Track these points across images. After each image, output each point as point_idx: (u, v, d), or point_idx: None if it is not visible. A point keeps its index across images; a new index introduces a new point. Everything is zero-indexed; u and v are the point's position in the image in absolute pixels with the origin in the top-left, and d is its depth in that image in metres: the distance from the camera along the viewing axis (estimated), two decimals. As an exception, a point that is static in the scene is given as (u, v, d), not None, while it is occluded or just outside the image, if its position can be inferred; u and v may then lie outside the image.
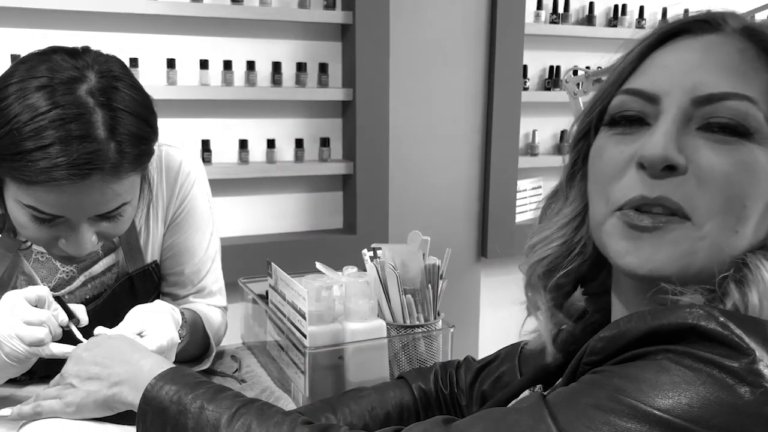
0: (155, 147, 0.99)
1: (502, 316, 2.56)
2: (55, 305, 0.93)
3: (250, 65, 2.12)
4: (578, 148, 0.68)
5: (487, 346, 2.54)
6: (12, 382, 1.00)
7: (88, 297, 1.10)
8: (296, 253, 2.16)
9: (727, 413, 0.47)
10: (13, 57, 1.86)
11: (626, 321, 0.55)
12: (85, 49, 0.94)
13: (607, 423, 0.50)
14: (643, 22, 2.65)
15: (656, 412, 0.48)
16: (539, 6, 2.52)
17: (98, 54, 0.94)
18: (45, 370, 1.00)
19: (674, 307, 0.53)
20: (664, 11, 2.70)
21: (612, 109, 0.62)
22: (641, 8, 2.66)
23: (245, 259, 1.92)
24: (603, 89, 0.64)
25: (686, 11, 0.65)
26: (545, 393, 0.58)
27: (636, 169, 0.58)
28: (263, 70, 2.16)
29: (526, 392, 0.76)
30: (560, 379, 0.63)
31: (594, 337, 0.57)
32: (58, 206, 0.89)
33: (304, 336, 1.02)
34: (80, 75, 0.88)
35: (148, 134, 0.94)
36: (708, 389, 0.48)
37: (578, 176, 0.68)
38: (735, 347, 0.49)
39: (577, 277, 0.69)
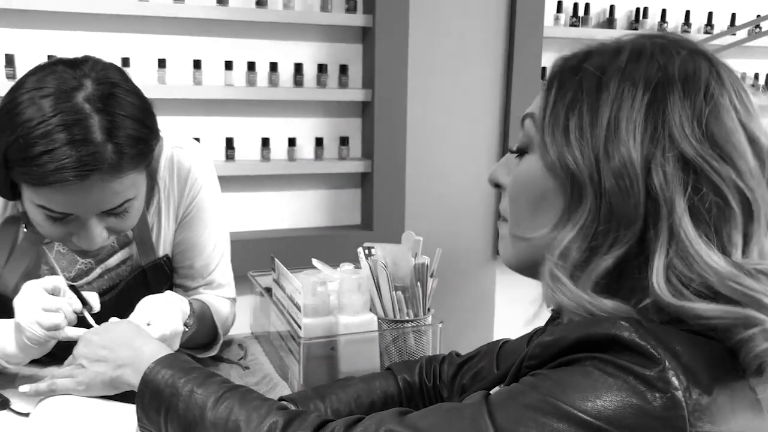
0: (163, 147, 1.06)
1: (517, 313, 2.58)
2: (70, 293, 1.03)
3: (273, 66, 2.20)
4: None
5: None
6: (36, 362, 1.10)
7: (105, 287, 1.20)
8: (314, 247, 2.22)
9: (636, 416, 0.54)
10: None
11: (561, 329, 0.62)
12: (85, 59, 1.02)
13: (536, 422, 0.56)
14: (665, 25, 2.66)
15: (577, 413, 0.55)
16: (559, 9, 2.55)
17: (96, 62, 1.02)
18: (66, 353, 1.10)
19: (604, 318, 0.60)
20: (687, 14, 2.70)
21: None
22: (663, 11, 2.66)
23: (264, 253, 1.99)
24: None
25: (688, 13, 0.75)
26: (490, 392, 0.65)
27: None
28: (286, 72, 2.24)
29: (497, 388, 0.83)
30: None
31: (534, 342, 0.65)
32: (66, 205, 0.98)
33: (300, 327, 1.10)
34: (78, 84, 0.97)
35: (146, 135, 1.02)
36: (622, 394, 0.55)
37: None
38: (649, 356, 0.55)
39: None
